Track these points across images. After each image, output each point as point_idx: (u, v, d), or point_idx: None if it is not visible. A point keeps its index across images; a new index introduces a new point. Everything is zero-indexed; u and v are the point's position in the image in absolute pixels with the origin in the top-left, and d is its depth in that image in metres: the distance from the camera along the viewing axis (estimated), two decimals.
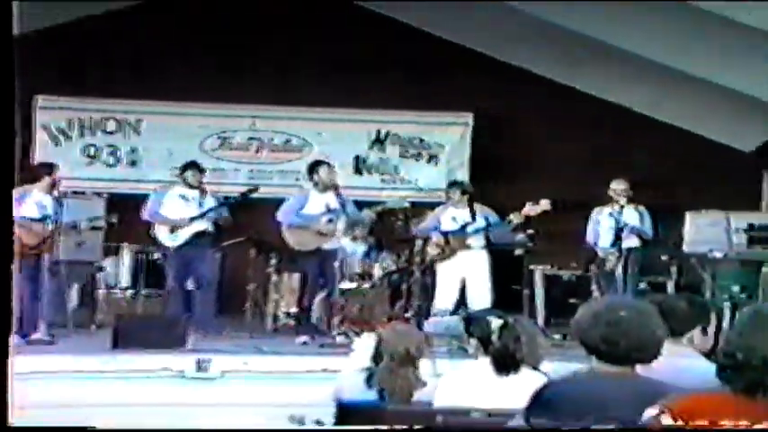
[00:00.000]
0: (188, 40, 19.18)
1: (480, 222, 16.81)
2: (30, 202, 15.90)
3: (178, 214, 16.59)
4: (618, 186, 16.87)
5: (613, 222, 16.71)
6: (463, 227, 16.81)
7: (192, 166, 17.01)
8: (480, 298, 16.51)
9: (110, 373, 13.65)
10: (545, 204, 16.43)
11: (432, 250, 16.95)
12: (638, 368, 5.94)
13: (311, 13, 19.18)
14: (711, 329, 6.89)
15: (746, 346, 4.94)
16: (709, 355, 6.39)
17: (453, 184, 17.58)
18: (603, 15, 16.69)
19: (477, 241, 16.83)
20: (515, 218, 16.66)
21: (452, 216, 16.95)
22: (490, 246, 16.94)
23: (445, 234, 16.88)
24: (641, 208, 16.94)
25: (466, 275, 16.76)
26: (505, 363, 7.31)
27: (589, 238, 17.01)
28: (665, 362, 6.08)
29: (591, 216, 16.96)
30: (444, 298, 16.63)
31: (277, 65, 19.37)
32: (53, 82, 19.27)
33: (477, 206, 16.90)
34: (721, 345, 5.16)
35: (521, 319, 8.01)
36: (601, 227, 16.89)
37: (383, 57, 19.40)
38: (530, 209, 16.49)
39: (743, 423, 4.78)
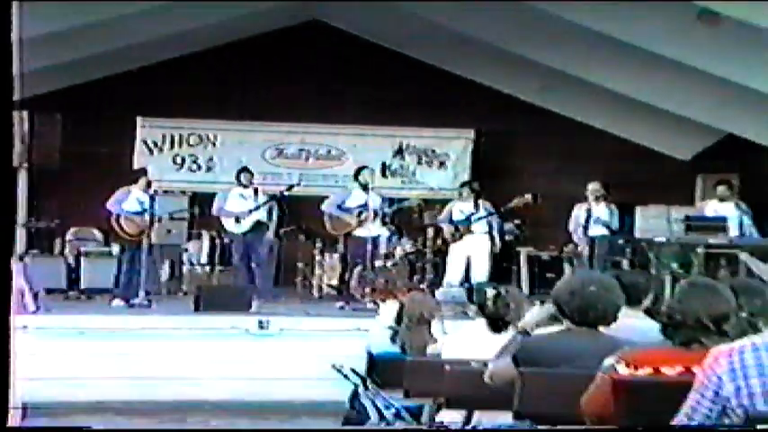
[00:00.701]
0: (252, 75, 19.23)
1: (482, 213, 16.92)
2: (132, 199, 16.06)
3: (239, 208, 16.72)
4: (592, 187, 16.98)
5: (586, 215, 16.83)
6: (468, 217, 16.91)
7: (244, 170, 17.28)
8: (481, 272, 16.66)
9: (192, 329, 13.74)
10: (528, 197, 16.62)
11: (447, 236, 17.06)
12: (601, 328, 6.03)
13: (349, 59, 19.25)
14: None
15: (683, 309, 5.00)
16: (654, 316, 6.43)
17: (464, 184, 17.74)
18: (572, 53, 16.75)
19: (480, 228, 16.91)
20: (505, 209, 16.88)
21: (461, 209, 17.07)
22: (491, 232, 17.04)
23: (456, 223, 16.98)
24: (612, 206, 17.04)
25: (471, 254, 16.85)
26: (497, 323, 7.36)
27: (571, 227, 17.11)
28: (621, 322, 6.15)
29: (573, 210, 17.07)
30: (454, 272, 16.75)
31: (321, 94, 19.40)
32: (149, 106, 19.38)
33: (480, 201, 17.01)
34: (664, 309, 5.23)
35: (511, 289, 8.05)
36: (579, 219, 16.99)
37: (404, 89, 19.43)
38: (517, 201, 16.65)
39: (679, 369, 4.85)
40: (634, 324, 6.24)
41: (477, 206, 16.99)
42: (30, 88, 17.26)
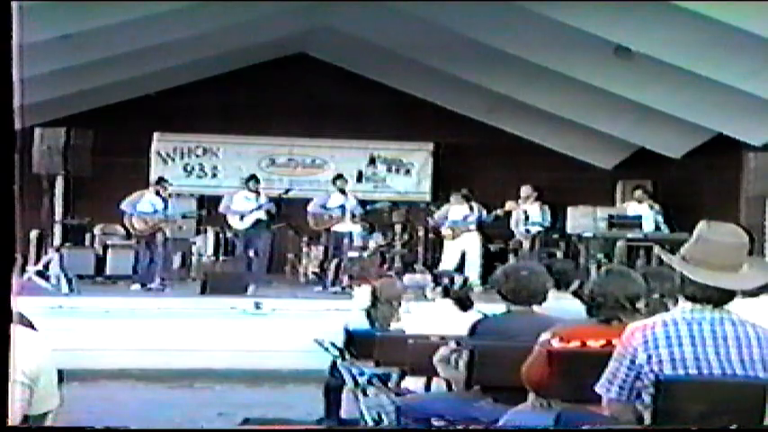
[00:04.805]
0: (249, 97, 19.20)
1: (476, 215, 16.97)
2: (144, 201, 16.17)
3: (243, 208, 16.69)
4: (524, 190, 17.05)
5: (524, 215, 16.89)
6: (465, 218, 16.99)
7: (253, 177, 17.18)
8: (474, 263, 16.78)
9: (199, 309, 13.70)
10: (517, 203, 16.89)
11: (444, 233, 17.24)
12: (536, 308, 6.03)
13: (330, 85, 19.22)
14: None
15: (602, 292, 5.05)
16: (581, 298, 6.44)
17: (457, 191, 17.71)
18: (514, 81, 16.81)
19: (473, 227, 16.96)
20: (500, 212, 16.88)
21: (458, 211, 17.14)
22: (481, 230, 17.13)
23: (452, 223, 17.06)
24: (544, 206, 17.11)
25: (465, 249, 16.94)
26: (465, 303, 7.35)
27: (512, 225, 17.18)
28: (554, 304, 6.16)
29: (512, 211, 17.13)
30: (449, 262, 16.70)
31: (306, 113, 19.39)
32: (163, 124, 19.37)
33: (473, 204, 17.11)
34: (587, 292, 5.27)
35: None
36: (518, 217, 17.05)
37: (375, 109, 19.40)
38: (509, 205, 16.74)
39: (602, 342, 4.85)
40: (564, 305, 6.26)
41: (471, 209, 17.11)
42: (66, 109, 17.34)
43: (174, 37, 15.34)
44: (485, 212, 17.10)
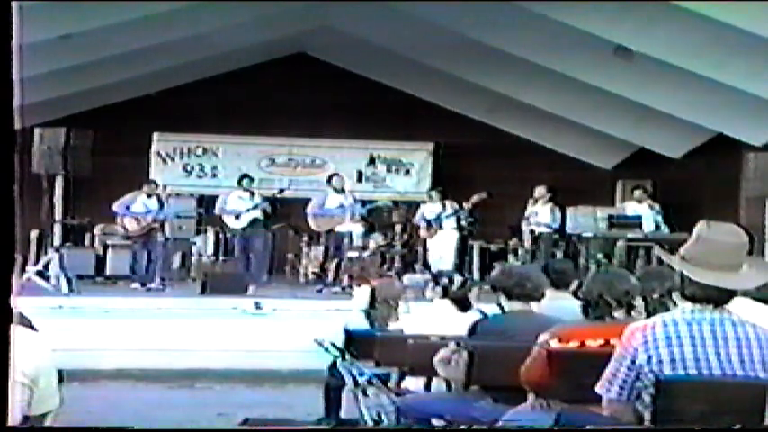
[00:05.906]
0: (248, 97, 19.18)
1: (450, 212, 16.93)
2: (138, 202, 16.23)
3: (238, 208, 16.70)
4: (538, 191, 17.12)
5: (534, 215, 16.96)
6: (439, 216, 16.96)
7: (246, 176, 17.24)
8: (448, 261, 16.72)
9: (199, 309, 13.69)
10: (484, 194, 16.68)
11: (423, 233, 17.23)
12: (535, 309, 6.04)
13: (329, 85, 19.20)
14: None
15: (590, 290, 5.10)
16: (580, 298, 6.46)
17: (432, 188, 17.90)
18: (513, 81, 16.82)
19: (449, 224, 16.93)
20: (466, 205, 16.82)
21: (431, 210, 17.13)
22: (459, 227, 17.07)
23: (428, 222, 17.00)
24: (555, 208, 17.12)
25: (444, 247, 16.86)
26: (464, 303, 7.37)
27: (524, 224, 17.24)
28: (553, 304, 6.17)
29: (526, 210, 17.19)
30: (432, 261, 16.75)
31: (306, 113, 19.37)
32: (163, 124, 19.38)
33: (447, 202, 17.10)
34: (579, 292, 5.30)
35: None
36: (529, 217, 17.08)
37: (375, 109, 19.39)
38: (476, 197, 16.63)
39: (601, 342, 4.86)
40: (563, 305, 6.26)
41: (444, 206, 17.07)
42: (66, 109, 17.34)
43: (174, 37, 15.35)
44: (457, 207, 17.14)
